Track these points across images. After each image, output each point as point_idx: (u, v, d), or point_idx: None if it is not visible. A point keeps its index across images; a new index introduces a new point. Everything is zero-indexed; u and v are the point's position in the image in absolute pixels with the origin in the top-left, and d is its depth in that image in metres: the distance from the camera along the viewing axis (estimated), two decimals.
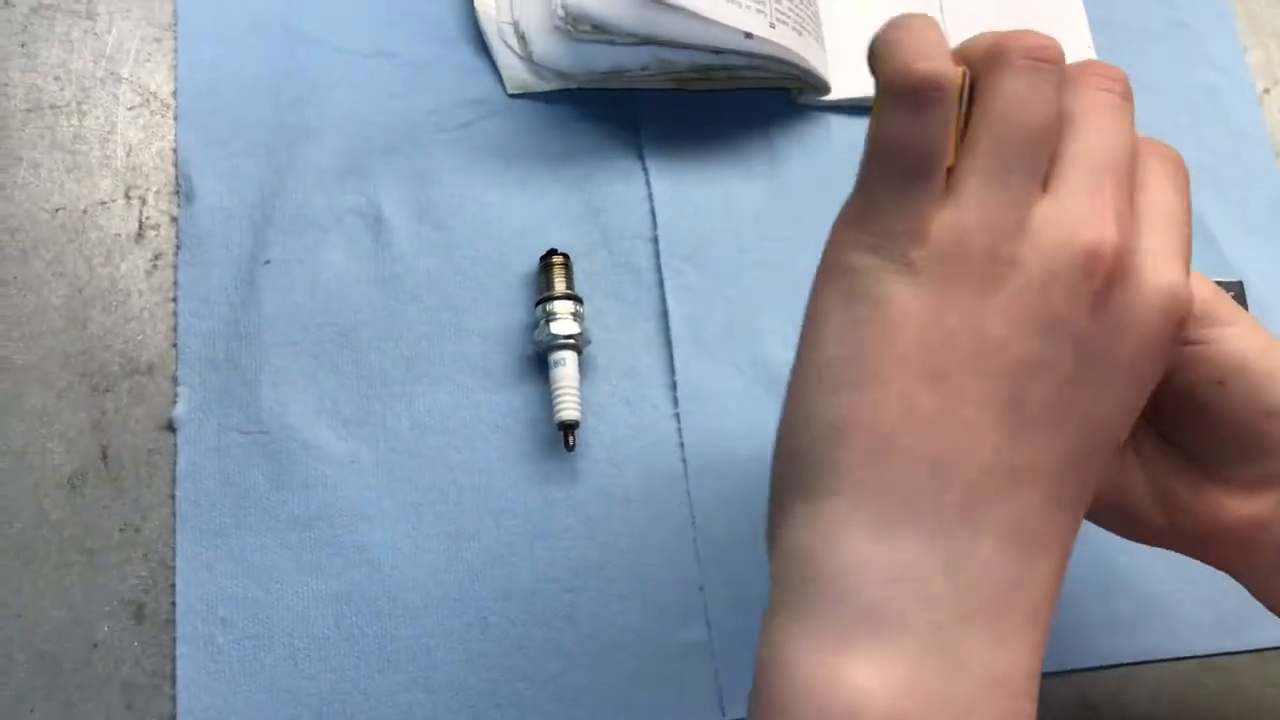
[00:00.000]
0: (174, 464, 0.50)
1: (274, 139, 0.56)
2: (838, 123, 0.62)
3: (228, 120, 0.56)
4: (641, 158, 0.59)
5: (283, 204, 0.55)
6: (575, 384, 0.53)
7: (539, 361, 0.54)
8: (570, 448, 0.52)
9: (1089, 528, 0.45)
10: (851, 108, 0.62)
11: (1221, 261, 0.65)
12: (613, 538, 0.53)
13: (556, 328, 0.53)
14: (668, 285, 0.57)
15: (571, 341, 0.53)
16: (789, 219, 0.59)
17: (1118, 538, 0.45)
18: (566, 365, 0.53)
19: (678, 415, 0.55)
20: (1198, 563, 0.44)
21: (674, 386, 0.55)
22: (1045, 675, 0.34)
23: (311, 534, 0.50)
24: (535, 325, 0.54)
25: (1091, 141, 0.35)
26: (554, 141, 0.58)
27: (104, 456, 0.50)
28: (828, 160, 0.61)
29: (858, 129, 0.62)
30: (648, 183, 0.59)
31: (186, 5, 0.57)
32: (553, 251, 0.55)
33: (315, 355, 0.52)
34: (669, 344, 0.56)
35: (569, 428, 0.52)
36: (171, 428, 0.51)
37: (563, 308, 0.54)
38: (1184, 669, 0.55)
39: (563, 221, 0.57)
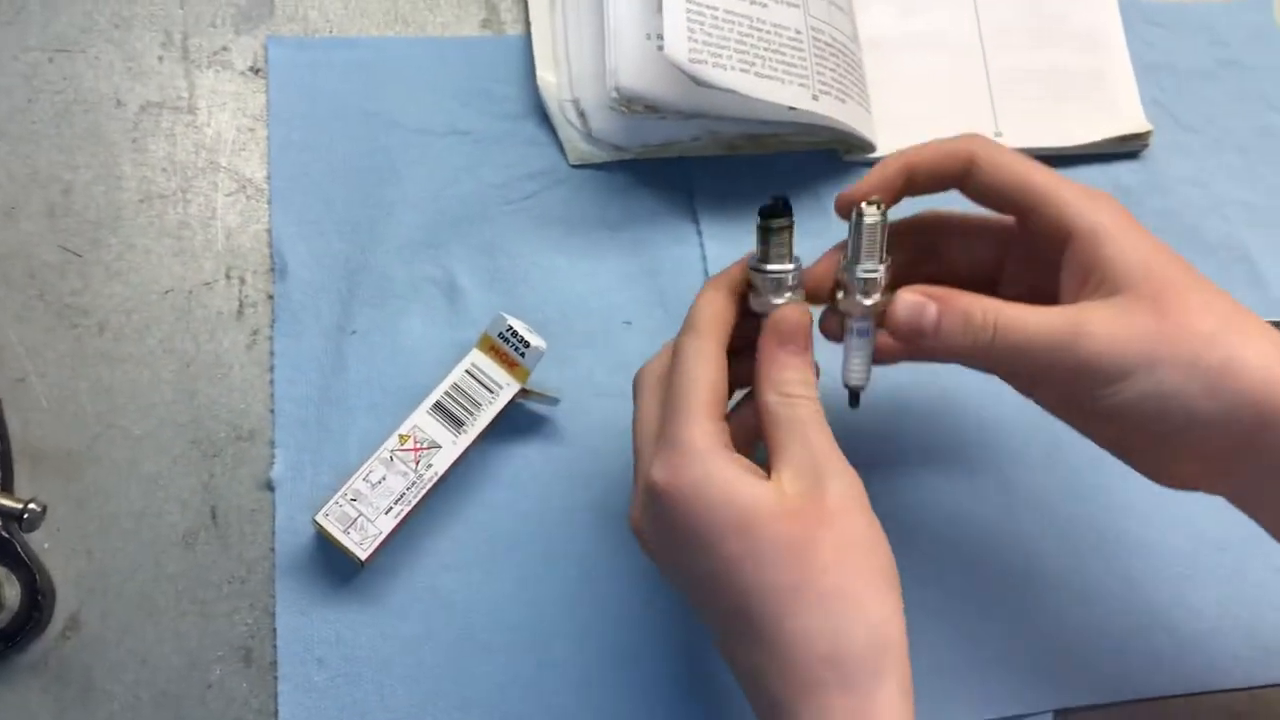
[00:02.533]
0: (273, 520, 0.55)
1: (358, 217, 0.61)
2: None
3: (316, 201, 0.61)
4: (695, 220, 0.63)
5: (366, 277, 0.60)
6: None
7: (612, 389, 0.58)
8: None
9: (1134, 577, 0.48)
10: None
11: (1268, 299, 0.66)
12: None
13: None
14: None
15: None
16: None
17: (1160, 577, 0.50)
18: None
19: None
20: (1237, 596, 0.47)
21: None
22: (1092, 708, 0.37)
23: (396, 576, 0.55)
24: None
25: None
26: (613, 209, 0.62)
27: (213, 515, 0.55)
28: None
29: None
30: (701, 244, 0.62)
31: (278, 95, 0.62)
32: (775, 208, 0.47)
33: (397, 415, 0.57)
34: None
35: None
36: (270, 487, 0.56)
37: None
38: (1223, 701, 0.57)
39: (622, 284, 0.61)
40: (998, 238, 0.51)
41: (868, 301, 0.47)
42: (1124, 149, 0.67)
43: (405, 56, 0.64)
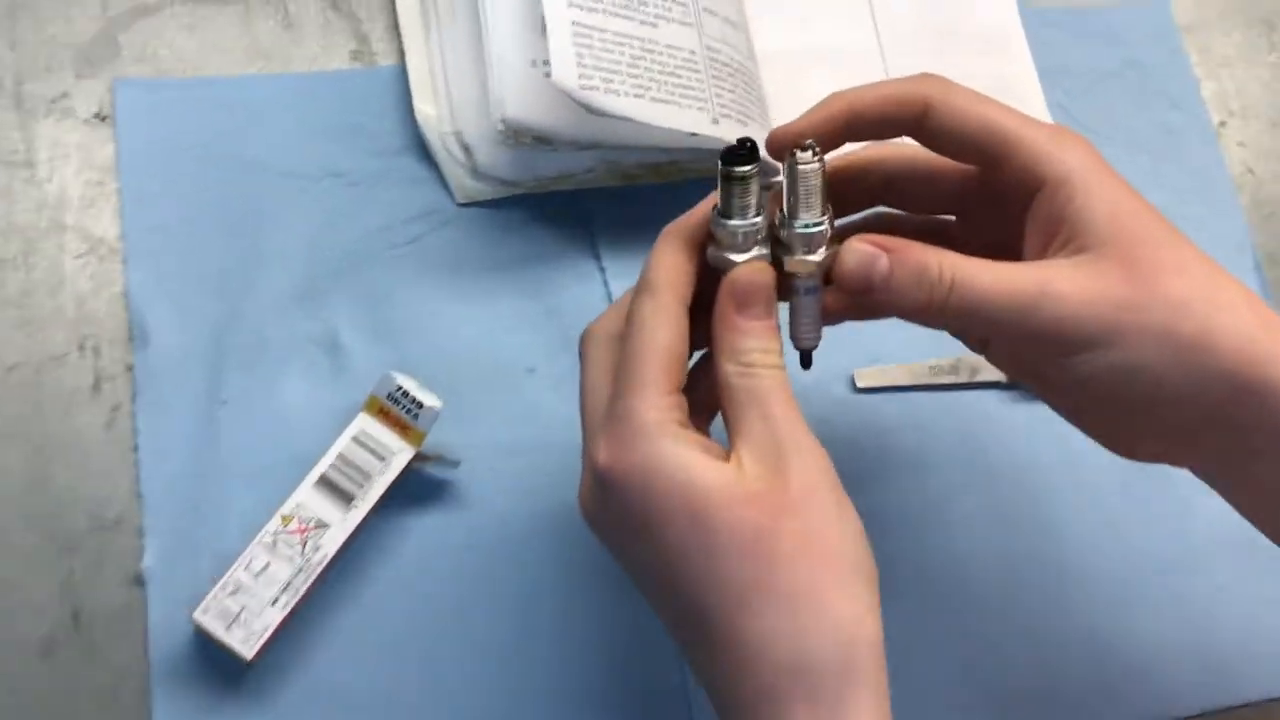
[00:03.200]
0: (146, 619, 0.49)
1: (226, 273, 0.55)
2: None
3: (178, 257, 0.55)
4: (597, 256, 0.58)
5: (238, 339, 0.54)
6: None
7: (519, 444, 0.54)
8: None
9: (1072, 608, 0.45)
10: None
11: None
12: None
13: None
14: None
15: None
16: None
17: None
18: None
19: None
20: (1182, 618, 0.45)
21: None
22: None
23: (287, 674, 0.50)
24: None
25: None
26: (506, 248, 0.58)
27: (75, 619, 0.49)
28: None
29: None
30: (605, 281, 0.58)
31: (128, 144, 0.56)
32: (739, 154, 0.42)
33: (280, 491, 0.51)
34: None
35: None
36: (141, 582, 0.50)
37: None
38: None
39: (522, 328, 0.57)
40: (955, 185, 0.46)
41: (813, 258, 0.42)
42: None
43: (269, 95, 0.58)
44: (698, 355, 0.45)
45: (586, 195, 0.59)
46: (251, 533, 0.49)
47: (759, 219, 0.41)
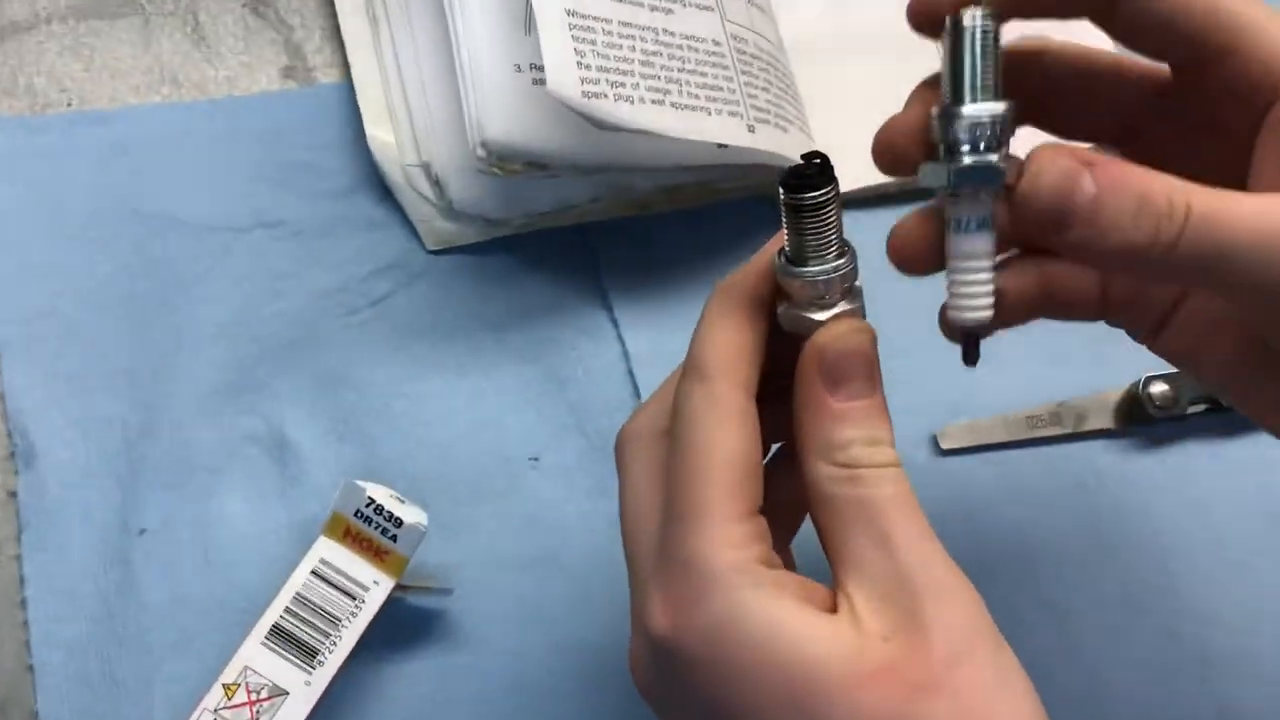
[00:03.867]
0: None
1: (135, 362, 0.43)
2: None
3: (71, 348, 0.42)
4: (608, 307, 0.46)
5: (156, 447, 0.42)
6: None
7: (526, 558, 0.42)
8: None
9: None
10: (858, 201, 0.50)
11: None
12: None
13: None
14: None
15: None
16: None
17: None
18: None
19: None
20: None
21: None
22: None
23: None
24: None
25: None
26: (494, 303, 0.46)
27: None
28: None
29: (869, 225, 0.50)
30: (620, 337, 0.46)
31: (1, 201, 0.44)
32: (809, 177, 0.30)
33: (224, 647, 0.39)
34: None
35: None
36: None
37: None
38: None
39: (520, 405, 0.45)
40: (1139, 94, 0.34)
41: (993, 158, 0.28)
42: None
43: (181, 128, 0.46)
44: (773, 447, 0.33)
45: (591, 231, 0.47)
46: (184, 708, 0.37)
47: (844, 260, 0.30)
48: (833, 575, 0.29)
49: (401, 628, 0.41)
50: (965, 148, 0.29)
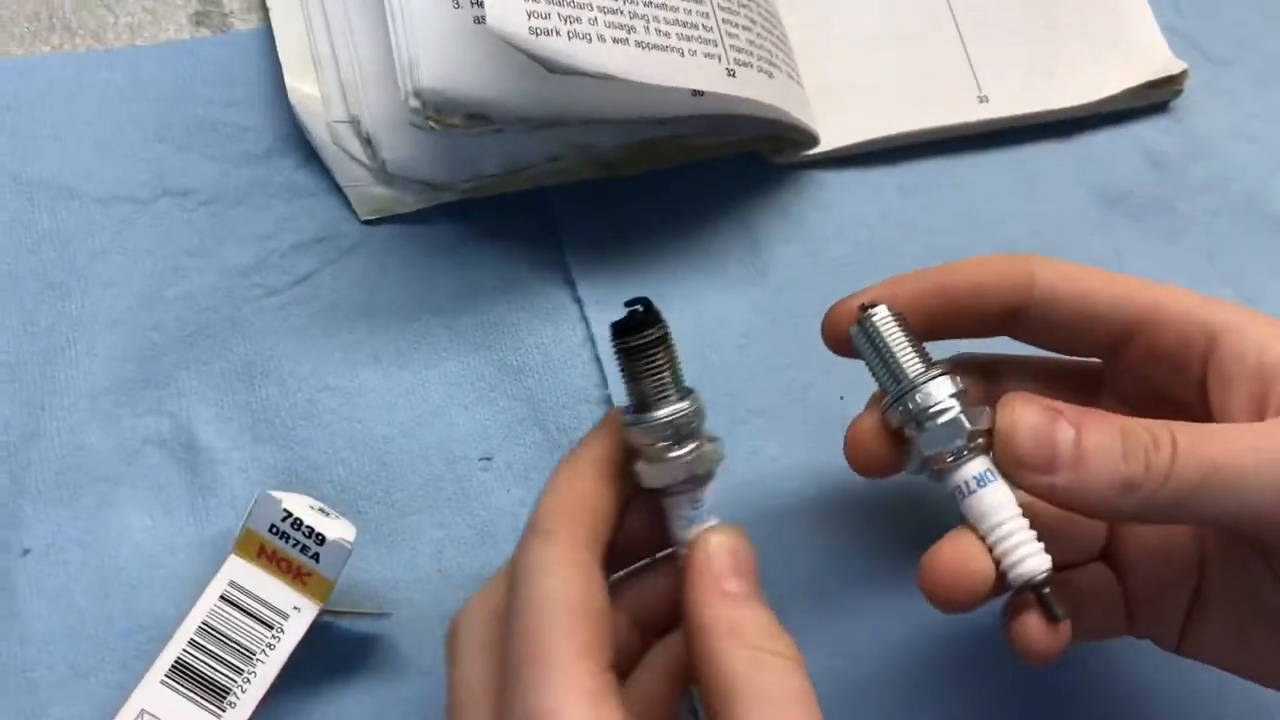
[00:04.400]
0: None
1: (20, 353, 0.37)
2: (835, 185, 0.44)
3: None
4: (571, 284, 0.40)
5: (42, 453, 0.36)
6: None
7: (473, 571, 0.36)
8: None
9: None
10: (851, 160, 0.44)
11: None
12: None
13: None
14: None
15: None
16: (789, 335, 0.41)
17: None
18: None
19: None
20: None
21: None
22: None
23: None
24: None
25: None
26: (439, 281, 0.40)
27: None
28: (828, 239, 0.43)
29: (864, 189, 0.44)
30: (584, 318, 0.40)
31: None
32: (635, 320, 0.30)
33: (120, 686, 0.33)
34: None
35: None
36: None
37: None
38: None
39: (470, 398, 0.39)
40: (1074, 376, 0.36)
41: (976, 425, 0.29)
42: (1148, 101, 0.48)
43: (74, 83, 0.40)
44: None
45: (550, 196, 0.41)
46: None
47: (689, 401, 0.29)
48: None
49: (334, 654, 0.35)
50: (924, 421, 0.30)
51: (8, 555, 0.35)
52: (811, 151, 0.43)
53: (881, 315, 0.31)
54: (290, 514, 0.33)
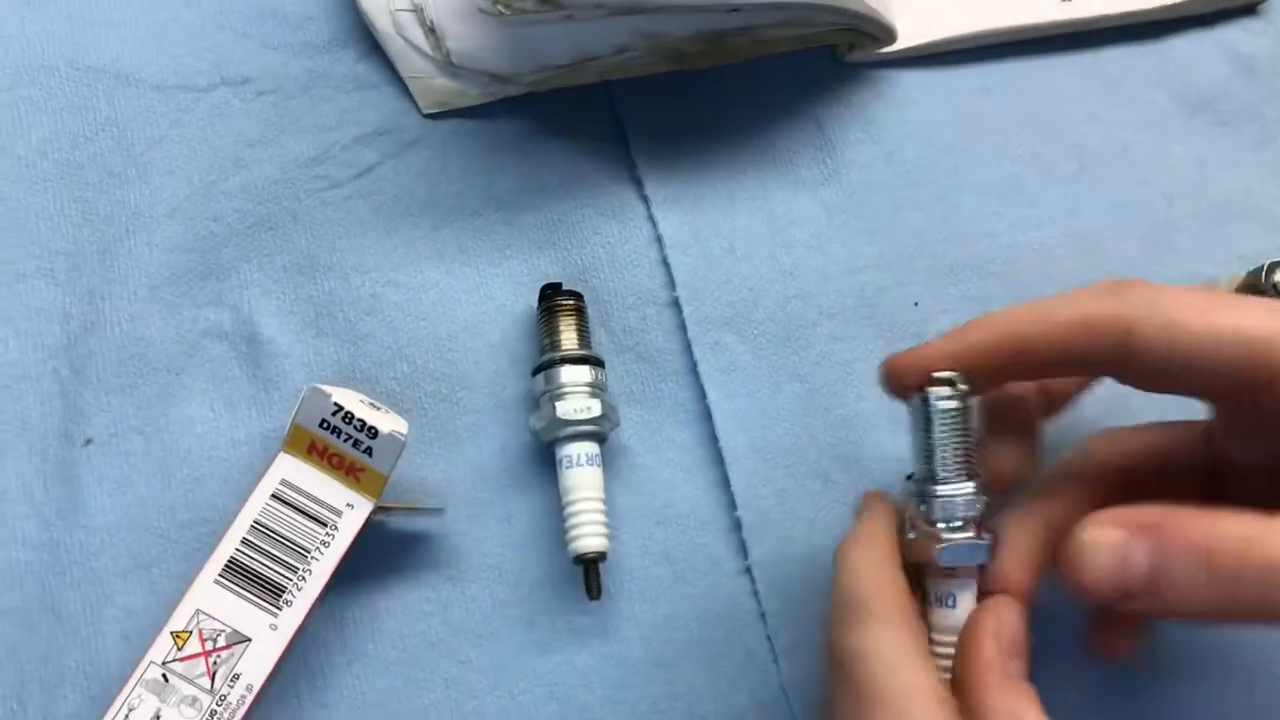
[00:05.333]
0: None
1: (79, 242, 0.35)
2: (909, 84, 0.41)
3: (1, 224, 0.35)
4: (638, 182, 0.38)
5: (103, 342, 0.34)
6: (597, 493, 0.33)
7: (542, 467, 0.35)
8: (595, 594, 0.33)
9: None
10: (927, 59, 0.41)
11: None
12: None
13: (565, 409, 0.33)
14: (704, 370, 0.37)
15: (589, 429, 0.34)
16: (863, 237, 0.39)
17: None
18: (580, 467, 0.33)
19: (749, 570, 0.35)
20: None
21: (738, 526, 0.35)
22: None
23: None
24: (535, 405, 0.34)
25: None
26: (503, 177, 0.38)
27: None
28: (903, 140, 0.40)
29: (939, 90, 0.41)
30: (652, 218, 0.38)
31: None
32: (554, 289, 0.36)
33: (183, 576, 0.32)
34: (720, 462, 0.36)
35: (591, 563, 0.33)
36: None
37: (573, 378, 0.34)
38: None
39: (533, 296, 0.37)
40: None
41: (982, 540, 0.29)
42: (1235, 2, 0.45)
43: None
44: None
45: (617, 90, 0.39)
46: (139, 650, 0.30)
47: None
48: None
49: (396, 552, 0.34)
50: (943, 526, 0.29)
51: (70, 446, 0.34)
52: (887, 49, 0.40)
53: (942, 407, 0.29)
54: (341, 407, 0.31)
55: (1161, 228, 0.41)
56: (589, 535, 0.33)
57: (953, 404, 0.28)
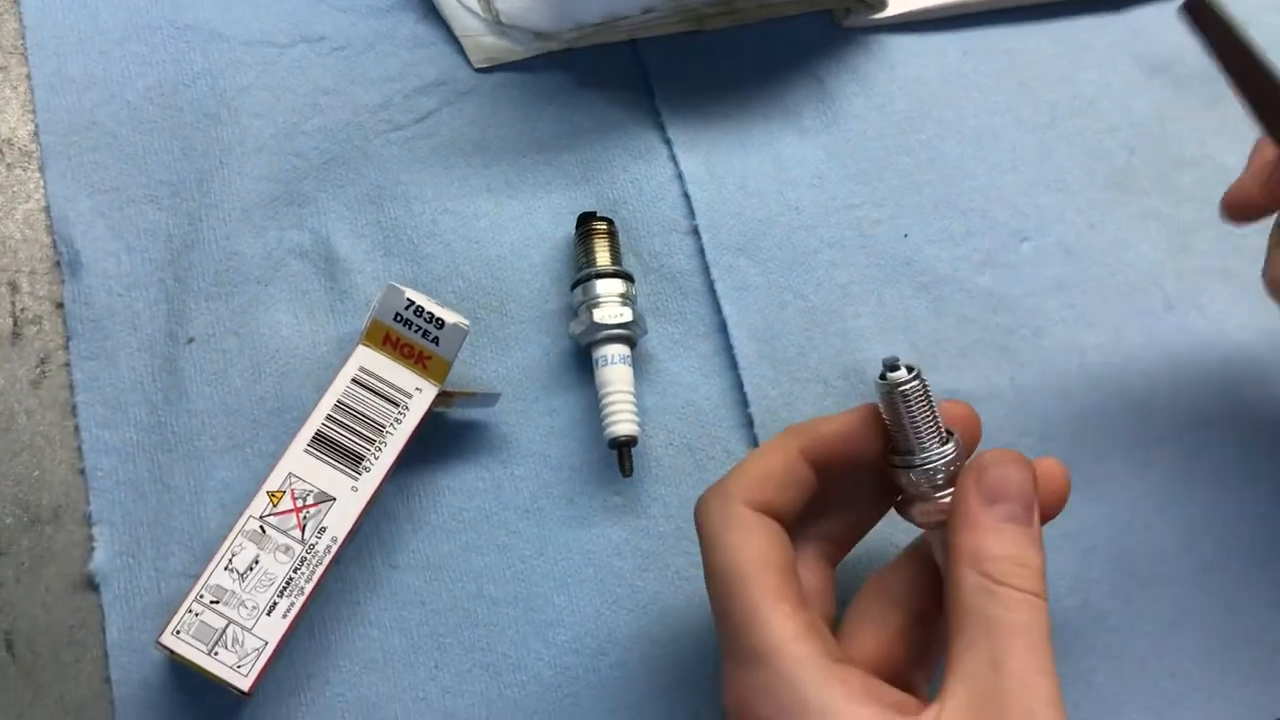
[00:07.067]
0: (103, 636, 0.34)
1: (179, 173, 0.39)
2: (899, 47, 0.45)
3: (114, 159, 0.39)
4: (661, 127, 0.42)
5: (202, 258, 0.38)
6: (629, 386, 0.37)
7: (580, 370, 0.39)
8: (627, 472, 0.37)
9: None
10: (915, 25, 0.45)
11: None
12: (700, 638, 0.37)
13: (601, 315, 0.37)
14: (720, 289, 0.40)
15: (622, 332, 0.37)
16: (858, 178, 0.43)
17: None
18: (615, 364, 0.37)
19: None
20: None
21: (750, 422, 0.39)
22: None
23: (300, 700, 0.35)
24: (574, 314, 0.38)
25: None
26: (544, 122, 0.42)
27: (8, 644, 0.34)
28: (894, 95, 0.44)
29: (926, 52, 0.45)
30: (674, 158, 0.42)
31: (37, 16, 0.40)
32: (591, 216, 0.40)
33: (272, 454, 0.36)
34: (734, 367, 0.40)
35: (624, 445, 0.37)
36: (94, 586, 0.35)
37: (608, 289, 0.38)
38: None
39: (573, 224, 0.41)
40: None
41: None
42: None
43: None
44: None
45: (642, 48, 0.43)
46: (234, 512, 0.34)
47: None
48: (943, 678, 0.27)
49: (454, 439, 0.38)
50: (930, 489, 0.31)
51: (175, 344, 0.38)
52: (880, 15, 0.44)
53: (903, 381, 0.30)
54: (413, 302, 0.35)
55: (1124, 172, 0.44)
56: (622, 421, 0.37)
57: (914, 383, 0.30)
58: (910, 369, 0.30)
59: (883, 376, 0.30)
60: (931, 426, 0.30)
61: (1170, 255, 0.43)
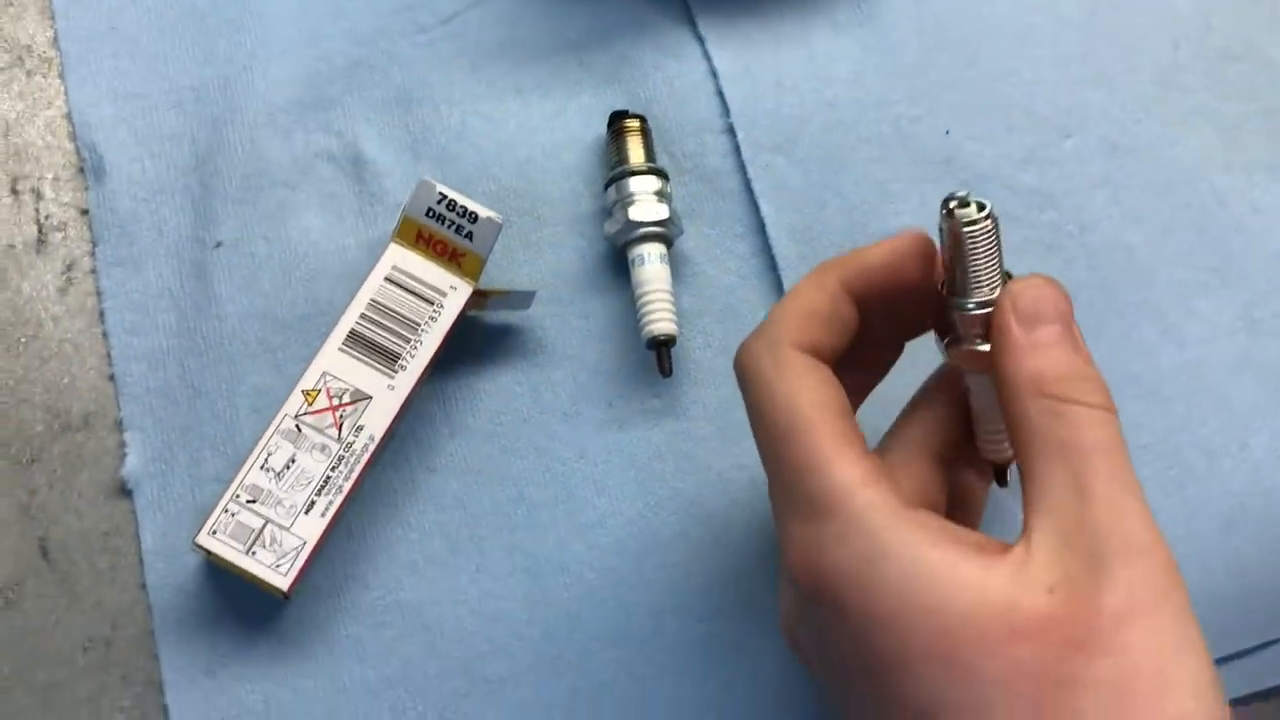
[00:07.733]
0: (138, 543, 0.34)
1: (203, 76, 0.38)
2: None
3: (136, 62, 0.38)
4: (693, 23, 0.41)
5: (228, 162, 0.37)
6: (666, 285, 0.36)
7: (615, 272, 0.37)
8: (667, 371, 0.35)
9: None
10: None
11: None
12: (742, 539, 0.36)
13: (636, 213, 0.36)
14: (757, 189, 0.39)
15: (658, 230, 0.36)
16: (897, 74, 0.41)
17: None
18: (652, 263, 0.36)
19: None
20: None
21: None
22: None
23: (339, 603, 0.34)
24: (609, 214, 0.37)
25: None
26: (574, 21, 0.40)
27: (44, 551, 0.33)
28: None
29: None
30: (707, 55, 0.40)
31: None
32: (623, 114, 0.38)
33: (304, 359, 0.35)
34: (774, 268, 0.38)
35: (663, 344, 0.35)
36: (127, 491, 0.34)
37: (642, 186, 0.36)
38: None
39: (603, 124, 0.39)
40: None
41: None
42: None
43: None
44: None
45: None
46: (267, 416, 0.33)
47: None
48: (1023, 517, 0.25)
49: (490, 341, 0.37)
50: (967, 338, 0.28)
51: (203, 249, 0.36)
52: None
53: (971, 219, 0.27)
54: (446, 195, 0.34)
55: (1168, 68, 0.42)
56: (661, 320, 0.35)
57: (985, 222, 0.27)
58: (981, 206, 0.27)
59: (949, 212, 0.27)
60: (995, 268, 0.28)
61: (1219, 150, 0.41)
